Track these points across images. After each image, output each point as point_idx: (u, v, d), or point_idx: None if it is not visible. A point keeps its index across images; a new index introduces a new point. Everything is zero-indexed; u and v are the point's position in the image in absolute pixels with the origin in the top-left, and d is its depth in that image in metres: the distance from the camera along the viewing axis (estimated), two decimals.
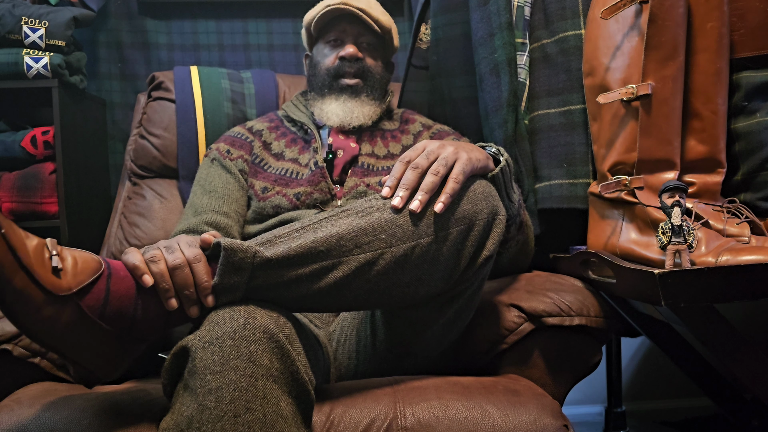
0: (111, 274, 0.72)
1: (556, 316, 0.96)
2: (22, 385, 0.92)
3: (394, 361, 0.94)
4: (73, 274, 0.69)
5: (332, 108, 1.26)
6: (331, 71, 1.28)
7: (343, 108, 1.25)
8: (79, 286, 0.69)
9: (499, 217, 0.85)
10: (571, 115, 1.22)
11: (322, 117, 1.27)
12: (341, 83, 1.27)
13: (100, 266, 0.72)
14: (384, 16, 1.31)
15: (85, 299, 0.69)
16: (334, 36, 1.30)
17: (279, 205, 1.18)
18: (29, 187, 1.43)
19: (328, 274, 0.77)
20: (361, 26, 1.29)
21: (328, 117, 1.26)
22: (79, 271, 0.70)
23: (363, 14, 1.26)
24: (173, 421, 0.69)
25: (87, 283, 0.69)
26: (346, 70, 1.26)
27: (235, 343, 0.69)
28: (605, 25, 1.05)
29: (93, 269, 0.71)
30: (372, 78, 1.29)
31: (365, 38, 1.30)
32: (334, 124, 1.26)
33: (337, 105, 1.26)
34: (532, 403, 0.84)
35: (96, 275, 0.70)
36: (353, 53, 1.26)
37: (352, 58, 1.26)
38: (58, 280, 0.68)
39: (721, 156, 1.01)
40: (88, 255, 0.72)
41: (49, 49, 1.46)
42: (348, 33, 1.29)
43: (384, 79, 1.33)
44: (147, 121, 1.53)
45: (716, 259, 0.86)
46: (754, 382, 0.89)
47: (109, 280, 0.71)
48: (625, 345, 1.75)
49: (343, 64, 1.27)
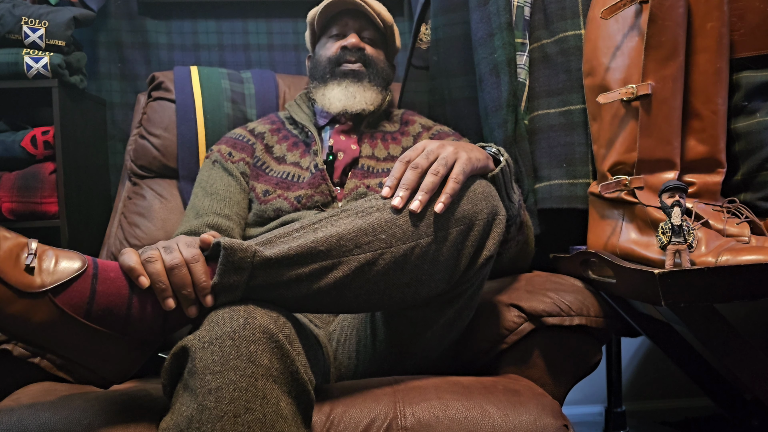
0: (97, 273, 0.72)
1: (556, 316, 0.96)
2: (22, 385, 0.92)
3: (394, 361, 0.94)
4: (50, 272, 0.70)
5: (335, 93, 1.26)
6: (333, 59, 1.28)
7: (345, 93, 1.25)
8: (55, 284, 0.69)
9: (499, 217, 0.85)
10: (571, 115, 1.22)
11: (324, 104, 1.27)
12: (343, 68, 1.27)
13: (83, 266, 0.72)
14: (385, 12, 1.33)
15: (62, 296, 0.69)
16: (336, 30, 1.31)
17: (280, 208, 1.18)
18: (29, 187, 1.43)
19: (327, 274, 0.77)
20: (363, 20, 1.30)
21: (330, 103, 1.26)
22: (59, 270, 0.70)
23: (365, 7, 1.27)
24: (173, 421, 0.69)
25: (64, 281, 0.70)
26: (348, 57, 1.27)
27: (235, 343, 0.69)
28: (605, 25, 1.05)
29: (74, 269, 0.71)
30: (374, 66, 1.29)
31: (368, 32, 1.31)
32: (336, 110, 1.26)
33: (339, 90, 1.26)
34: (532, 403, 0.84)
35: (75, 274, 0.71)
36: (355, 43, 1.27)
37: (354, 48, 1.27)
38: (29, 277, 0.68)
39: (721, 156, 1.01)
40: (75, 255, 0.73)
41: (49, 49, 1.46)
42: (350, 26, 1.30)
43: (386, 72, 1.33)
44: (147, 121, 1.53)
45: (716, 259, 0.86)
46: (754, 382, 0.89)
47: (95, 279, 0.71)
48: (625, 345, 1.75)
49: (344, 52, 1.28)
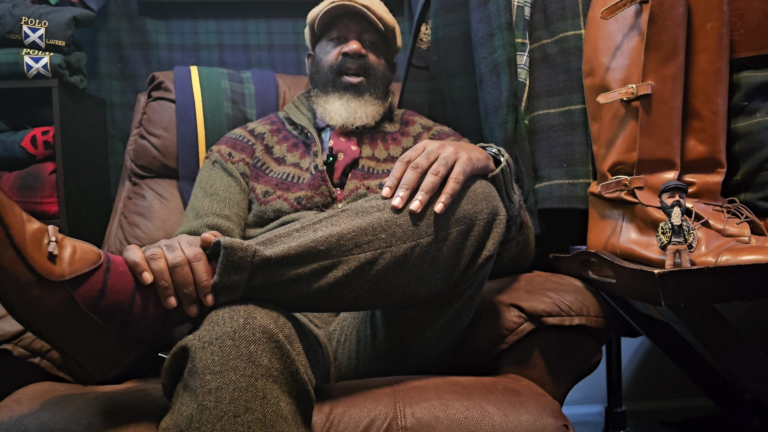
0: (110, 267, 0.72)
1: (556, 316, 0.96)
2: (22, 385, 0.92)
3: (394, 361, 0.94)
4: (69, 262, 0.70)
5: (335, 107, 1.26)
6: (334, 67, 1.28)
7: (347, 108, 1.25)
8: (74, 275, 0.69)
9: (500, 218, 0.85)
10: (571, 115, 1.22)
11: (324, 116, 1.27)
12: (344, 81, 1.27)
13: (99, 258, 0.72)
14: (387, 14, 1.31)
15: (79, 289, 0.69)
16: (337, 33, 1.30)
17: (280, 209, 1.18)
18: (29, 187, 1.43)
19: (327, 274, 0.77)
20: (364, 23, 1.29)
21: (331, 117, 1.26)
22: (77, 260, 0.70)
23: (367, 11, 1.26)
24: (173, 421, 0.69)
25: (83, 273, 0.70)
26: (349, 66, 1.27)
27: (235, 343, 0.69)
28: (605, 25, 1.05)
29: (92, 260, 0.71)
30: (375, 76, 1.29)
31: (368, 36, 1.30)
32: (336, 124, 1.26)
33: (340, 104, 1.26)
34: (532, 403, 0.84)
35: (94, 266, 0.71)
36: (356, 49, 1.26)
37: (355, 55, 1.26)
38: (52, 265, 0.68)
39: (721, 156, 1.01)
40: (89, 247, 0.73)
41: (49, 49, 1.46)
42: (351, 30, 1.29)
43: (386, 78, 1.33)
44: (147, 121, 1.53)
45: (716, 259, 0.86)
46: (754, 382, 0.89)
47: (107, 273, 0.72)
48: (625, 345, 1.75)
49: (346, 60, 1.27)
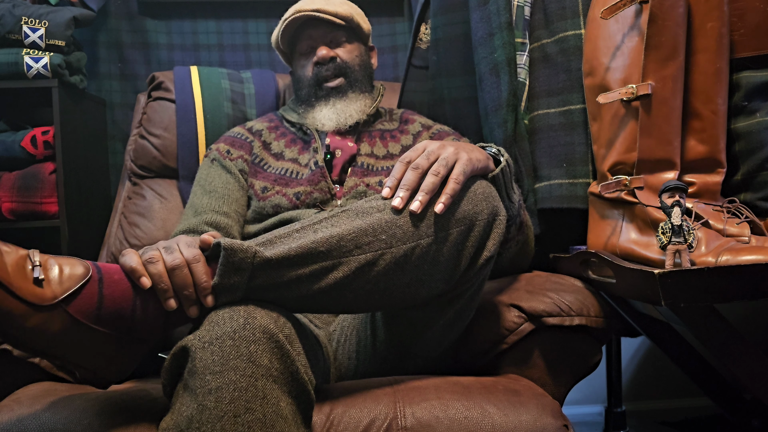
0: (102, 278, 0.72)
1: (556, 316, 0.96)
2: (22, 385, 0.92)
3: (394, 362, 0.94)
4: (58, 282, 0.69)
5: (324, 114, 1.27)
6: (312, 80, 1.29)
7: (335, 111, 1.26)
8: (66, 293, 0.69)
9: (500, 218, 0.85)
10: (571, 115, 1.22)
11: (317, 126, 1.28)
12: (325, 87, 1.28)
13: (87, 272, 0.72)
14: (342, 6, 1.30)
15: (73, 305, 0.69)
16: (305, 46, 1.31)
17: (279, 204, 1.18)
18: (29, 187, 1.43)
19: (328, 275, 0.77)
20: (324, 26, 1.29)
21: (323, 123, 1.27)
22: (66, 279, 0.70)
23: (319, 14, 1.26)
24: (173, 421, 0.69)
25: (75, 289, 0.70)
26: (324, 73, 1.27)
27: (235, 343, 0.69)
28: (605, 25, 1.05)
29: (81, 275, 0.71)
30: (352, 71, 1.29)
31: (333, 35, 1.30)
32: (330, 129, 1.27)
33: (327, 110, 1.27)
34: (532, 403, 0.84)
35: (83, 281, 0.70)
36: (324, 55, 1.27)
37: (325, 60, 1.27)
38: (41, 290, 0.68)
39: (721, 156, 1.01)
40: (76, 261, 0.72)
41: (49, 49, 1.46)
42: (315, 37, 1.30)
43: (366, 68, 1.33)
44: (147, 121, 1.53)
45: (716, 259, 0.86)
46: (754, 382, 0.89)
47: (101, 284, 0.71)
48: (625, 345, 1.75)
49: (320, 69, 1.28)
